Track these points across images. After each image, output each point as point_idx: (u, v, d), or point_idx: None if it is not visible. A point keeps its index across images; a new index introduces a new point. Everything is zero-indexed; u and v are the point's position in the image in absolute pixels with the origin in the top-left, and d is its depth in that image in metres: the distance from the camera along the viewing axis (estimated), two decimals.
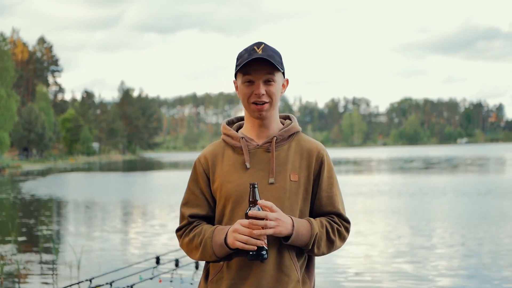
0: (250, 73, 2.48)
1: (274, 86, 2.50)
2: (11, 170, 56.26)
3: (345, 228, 2.55)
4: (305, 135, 2.64)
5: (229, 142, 2.58)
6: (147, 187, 30.12)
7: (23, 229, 14.54)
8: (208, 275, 2.56)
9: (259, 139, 2.56)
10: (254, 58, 2.44)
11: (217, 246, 2.43)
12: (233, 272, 2.46)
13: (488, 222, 14.05)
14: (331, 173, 2.58)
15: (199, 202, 2.57)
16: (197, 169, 2.59)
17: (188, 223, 2.57)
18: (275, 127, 2.58)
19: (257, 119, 2.54)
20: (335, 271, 9.09)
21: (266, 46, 2.50)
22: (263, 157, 2.52)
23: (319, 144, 2.61)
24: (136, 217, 17.30)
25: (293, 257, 2.46)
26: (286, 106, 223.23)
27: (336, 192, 2.57)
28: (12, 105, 66.54)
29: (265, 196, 2.45)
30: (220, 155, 2.57)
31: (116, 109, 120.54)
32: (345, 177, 34.26)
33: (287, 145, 2.56)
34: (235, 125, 2.68)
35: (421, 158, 66.08)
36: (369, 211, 16.93)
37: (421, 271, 8.98)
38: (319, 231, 2.45)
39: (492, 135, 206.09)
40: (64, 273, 9.23)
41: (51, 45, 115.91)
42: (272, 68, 2.48)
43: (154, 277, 6.58)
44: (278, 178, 2.48)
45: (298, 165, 2.52)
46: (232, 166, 2.53)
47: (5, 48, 70.76)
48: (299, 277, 2.47)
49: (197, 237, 2.50)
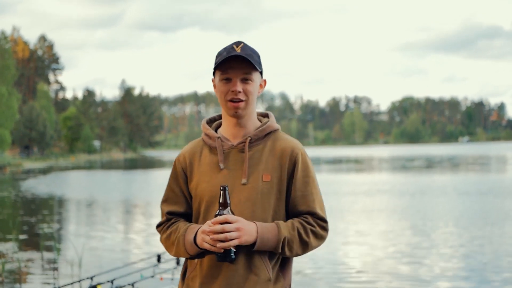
0: (228, 70, 2.49)
1: (251, 85, 2.51)
2: (12, 168, 56.31)
3: (321, 227, 2.52)
4: (282, 134, 2.62)
5: (207, 142, 2.60)
6: (148, 185, 30.13)
7: (24, 227, 14.55)
8: (186, 272, 2.60)
9: (235, 139, 2.57)
10: (232, 56, 2.46)
11: (189, 245, 2.47)
12: (205, 271, 2.50)
13: (490, 222, 14.05)
14: (307, 172, 2.55)
15: (178, 200, 2.62)
16: (176, 167, 2.63)
17: (166, 220, 2.62)
18: (252, 126, 2.58)
19: (233, 117, 2.54)
20: (336, 270, 9.10)
21: (245, 46, 2.51)
22: (238, 157, 2.53)
23: (295, 143, 2.58)
24: (137, 215, 17.31)
25: (263, 257, 2.46)
26: (287, 105, 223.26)
27: (312, 191, 2.54)
28: (13, 103, 66.55)
29: (237, 197, 2.47)
30: (198, 154, 2.60)
31: (117, 108, 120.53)
32: (346, 176, 34.26)
33: (262, 145, 2.56)
34: (216, 123, 2.69)
35: (422, 157, 66.07)
36: (370, 210, 16.93)
37: (421, 271, 8.98)
38: (289, 234, 2.44)
39: (493, 134, 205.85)
40: (65, 271, 9.24)
41: (52, 43, 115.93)
42: (250, 67, 2.49)
43: (155, 275, 6.59)
44: (251, 179, 2.49)
45: (272, 165, 2.52)
46: (208, 166, 2.55)
47: (6, 46, 70.77)
48: (271, 276, 2.47)
49: (173, 234, 2.55)
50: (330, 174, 36.82)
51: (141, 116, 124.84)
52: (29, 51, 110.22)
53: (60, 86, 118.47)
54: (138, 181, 34.17)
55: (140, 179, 35.94)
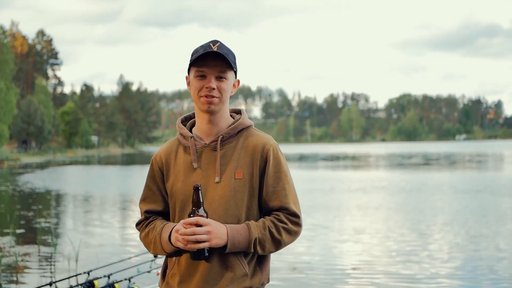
0: (203, 67, 2.52)
1: (226, 83, 2.54)
2: (10, 162, 56.28)
3: (293, 223, 2.53)
4: (255, 130, 2.64)
5: (181, 141, 2.64)
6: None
7: (21, 221, 14.57)
8: (166, 270, 2.64)
9: (207, 137, 2.60)
10: (208, 53, 2.49)
11: (165, 243, 2.52)
12: (182, 269, 2.54)
13: (486, 220, 14.08)
14: (279, 167, 2.57)
15: (155, 198, 2.66)
16: (153, 167, 2.68)
17: (145, 219, 2.68)
18: (224, 124, 2.61)
19: (206, 114, 2.56)
20: (332, 267, 9.13)
21: (222, 45, 2.54)
22: (210, 156, 2.56)
23: (267, 139, 2.60)
24: (134, 210, 17.34)
25: (238, 254, 2.50)
26: (285, 101, 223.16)
27: (284, 186, 2.55)
28: (12, 97, 66.51)
29: (211, 195, 2.50)
30: (173, 153, 2.64)
31: (115, 103, 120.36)
32: (343, 173, 34.31)
33: (235, 142, 2.58)
34: (191, 122, 2.72)
35: (419, 154, 66.11)
36: (366, 207, 16.96)
37: (417, 268, 9.01)
38: (261, 234, 2.47)
39: (490, 132, 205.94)
40: (62, 265, 9.27)
41: (50, 38, 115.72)
42: (225, 65, 2.52)
43: (151, 270, 6.61)
44: (223, 177, 2.52)
45: (244, 162, 2.54)
46: (182, 165, 2.59)
47: (5, 41, 70.67)
48: (247, 271, 2.51)
49: (151, 233, 2.60)
50: (327, 171, 36.87)
51: (139, 111, 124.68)
52: (28, 45, 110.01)
53: (58, 81, 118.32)
54: (136, 176, 34.17)
55: (138, 174, 35.94)
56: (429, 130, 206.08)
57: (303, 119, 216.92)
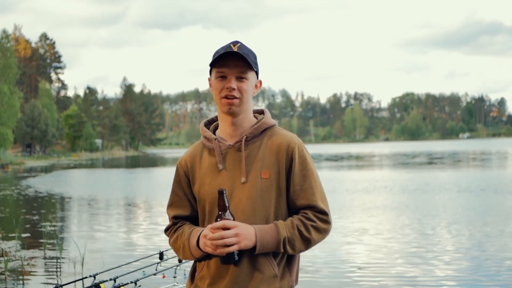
0: (223, 68, 2.51)
1: (246, 83, 2.53)
2: (15, 166, 56.36)
3: (322, 220, 2.53)
4: (279, 129, 2.64)
5: (206, 144, 2.63)
6: (150, 183, 30.16)
7: (27, 225, 14.59)
8: (194, 273, 2.64)
9: (232, 139, 2.59)
10: (228, 53, 2.49)
11: (193, 249, 2.52)
12: (212, 271, 2.53)
13: (492, 219, 14.05)
14: (305, 165, 2.56)
15: (182, 204, 2.66)
16: (179, 172, 2.67)
17: (173, 224, 2.68)
18: (248, 124, 2.60)
19: (228, 116, 2.56)
20: (337, 268, 9.13)
21: (242, 45, 2.54)
22: (235, 157, 2.55)
23: (291, 137, 2.59)
24: (139, 213, 17.35)
25: (267, 255, 2.49)
26: (288, 102, 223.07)
27: (311, 184, 2.55)
28: (15, 101, 66.63)
29: (238, 196, 2.50)
30: (198, 157, 2.64)
31: (118, 106, 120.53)
32: (347, 173, 34.28)
33: (259, 142, 2.58)
34: (214, 125, 2.72)
35: (424, 153, 66.00)
36: (371, 207, 16.94)
37: (421, 269, 9.00)
38: (289, 233, 2.46)
39: (494, 130, 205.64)
40: (68, 269, 9.28)
41: (53, 42, 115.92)
42: (245, 65, 2.51)
43: (157, 272, 6.61)
44: (250, 177, 2.51)
45: (269, 161, 2.54)
46: (208, 168, 2.59)
47: (8, 45, 70.76)
48: (276, 272, 2.50)
49: (179, 238, 2.60)
50: (331, 171, 36.83)
51: (142, 114, 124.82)
52: (31, 49, 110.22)
53: (62, 84, 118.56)
54: (140, 179, 34.20)
55: (142, 177, 35.97)
56: (432, 128, 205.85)
57: (306, 120, 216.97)
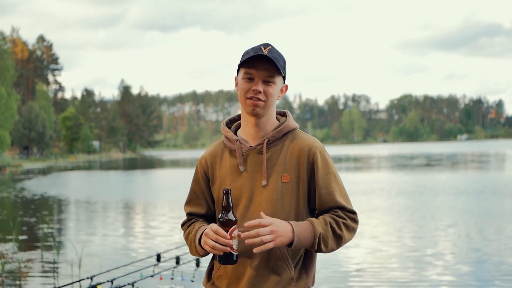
0: (251, 70, 2.50)
1: (273, 87, 2.52)
2: (12, 169, 56.29)
3: (351, 219, 2.55)
4: (300, 133, 2.64)
5: (227, 144, 2.63)
6: (148, 185, 30.12)
7: (24, 227, 14.55)
8: (212, 270, 2.65)
9: (253, 140, 2.59)
10: (258, 56, 2.48)
11: (198, 246, 2.54)
12: (229, 272, 2.54)
13: (491, 221, 14.04)
14: (328, 169, 2.56)
15: (199, 202, 2.68)
16: (198, 170, 2.69)
17: (187, 220, 2.72)
18: (270, 127, 2.60)
19: (251, 117, 2.55)
20: (335, 271, 9.10)
21: (273, 49, 2.53)
22: (257, 159, 2.55)
23: (313, 141, 2.60)
24: (136, 215, 17.32)
25: (285, 256, 2.49)
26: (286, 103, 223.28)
27: (336, 187, 2.56)
28: (13, 103, 66.54)
29: (258, 199, 2.50)
30: (219, 157, 2.64)
31: (116, 107, 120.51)
32: (346, 175, 34.25)
33: (281, 145, 2.57)
34: (235, 124, 2.71)
35: (422, 155, 66.05)
36: (369, 209, 16.92)
37: (421, 273, 8.98)
38: (324, 230, 2.45)
39: (492, 132, 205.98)
40: (65, 271, 9.24)
41: (50, 44, 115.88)
42: (274, 69, 2.50)
43: (155, 274, 6.59)
44: (270, 180, 2.51)
45: (290, 165, 2.54)
46: (228, 169, 2.58)
47: (5, 47, 70.71)
48: (293, 275, 2.50)
49: (190, 234, 2.63)
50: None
51: (140, 115, 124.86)
52: (28, 51, 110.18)
53: (59, 86, 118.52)
54: (138, 181, 34.17)
55: (140, 179, 35.94)
56: (430, 130, 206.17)
57: (304, 121, 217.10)
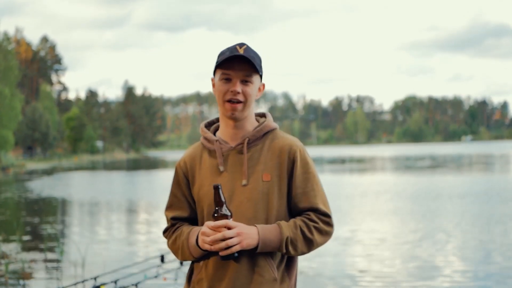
0: (228, 70, 2.50)
1: (251, 87, 2.52)
2: (16, 169, 56.37)
3: (324, 222, 2.52)
4: (280, 132, 2.63)
5: (206, 145, 2.62)
6: (151, 186, 30.14)
7: (27, 228, 14.56)
8: (192, 275, 2.62)
9: (233, 141, 2.58)
10: (234, 56, 2.47)
11: (192, 247, 2.50)
12: (210, 274, 2.51)
13: (497, 225, 14.00)
14: (306, 168, 2.55)
15: (181, 205, 2.64)
16: (178, 173, 2.66)
17: (171, 225, 2.66)
18: (250, 127, 2.59)
19: (230, 119, 2.55)
20: (339, 271, 9.09)
21: (248, 48, 2.53)
22: (237, 159, 2.54)
23: (293, 141, 2.58)
24: (140, 215, 17.32)
25: (267, 257, 2.48)
26: (290, 105, 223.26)
27: (313, 187, 2.55)
28: (16, 104, 66.61)
29: (239, 198, 2.49)
30: (198, 158, 2.62)
31: (120, 108, 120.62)
32: (350, 177, 34.24)
33: (261, 144, 2.57)
34: (214, 126, 2.70)
35: (426, 157, 65.95)
36: (373, 211, 16.90)
37: (425, 276, 8.96)
38: (292, 233, 2.45)
39: (496, 133, 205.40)
40: (69, 271, 9.24)
41: (54, 44, 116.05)
42: (251, 68, 2.50)
43: (158, 275, 6.59)
44: (251, 180, 2.51)
45: (271, 164, 2.53)
46: (208, 169, 2.57)
47: (9, 48, 70.82)
48: (276, 276, 2.49)
49: (178, 239, 2.58)
50: (333, 174, 36.79)
51: (143, 116, 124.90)
52: (32, 52, 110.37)
53: (63, 87, 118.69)
54: (141, 182, 34.19)
55: (143, 180, 35.97)
56: (435, 131, 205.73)
57: (308, 122, 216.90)
